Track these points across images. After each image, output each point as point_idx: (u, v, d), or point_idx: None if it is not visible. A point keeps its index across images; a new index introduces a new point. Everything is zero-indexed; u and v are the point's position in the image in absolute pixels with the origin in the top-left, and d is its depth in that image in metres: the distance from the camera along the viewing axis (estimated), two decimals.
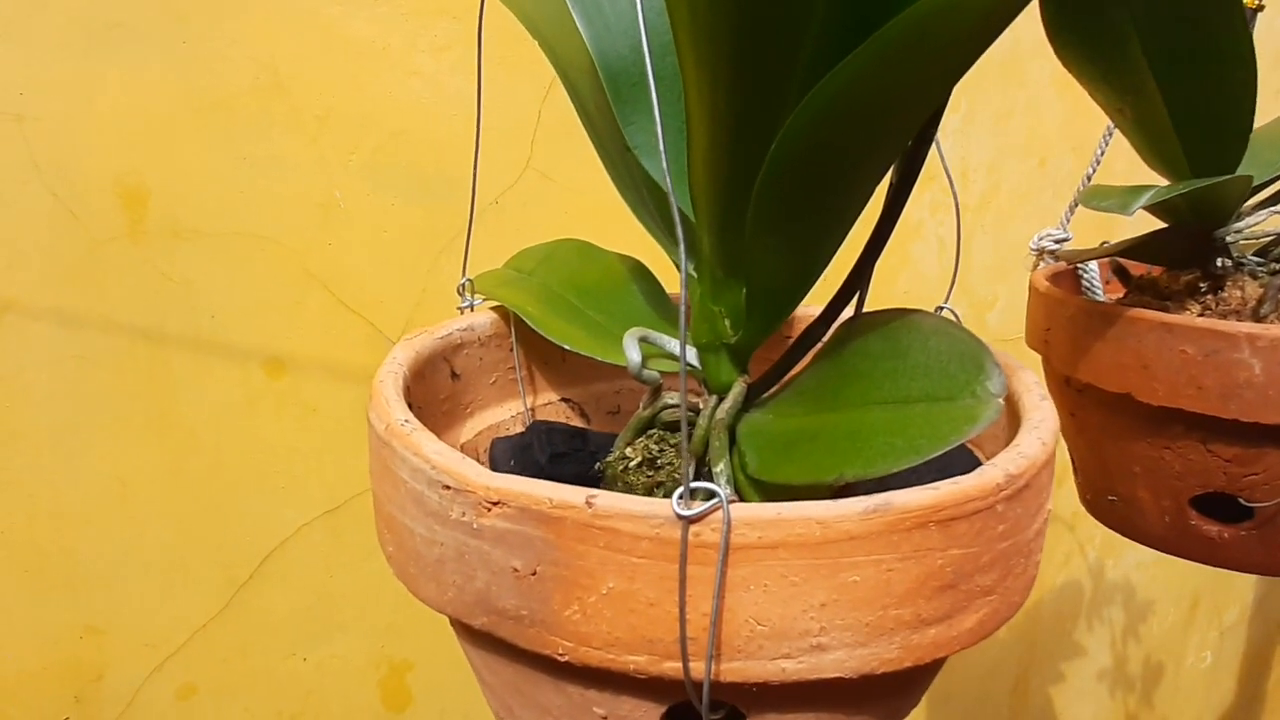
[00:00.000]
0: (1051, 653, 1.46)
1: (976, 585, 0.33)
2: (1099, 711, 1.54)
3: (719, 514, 0.30)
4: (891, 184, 0.39)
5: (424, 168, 0.84)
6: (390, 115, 0.82)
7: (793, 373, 0.43)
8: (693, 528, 0.30)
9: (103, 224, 0.75)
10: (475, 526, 0.33)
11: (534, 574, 0.32)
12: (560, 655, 0.32)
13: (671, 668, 0.31)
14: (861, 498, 0.31)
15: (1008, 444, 0.37)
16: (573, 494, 0.31)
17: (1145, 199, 0.48)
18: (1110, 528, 0.62)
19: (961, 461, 0.39)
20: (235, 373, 0.81)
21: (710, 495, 0.30)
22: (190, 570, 0.84)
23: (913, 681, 0.37)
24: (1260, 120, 0.66)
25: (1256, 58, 0.53)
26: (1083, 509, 0.67)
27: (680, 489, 0.30)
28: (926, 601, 0.32)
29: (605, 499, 0.31)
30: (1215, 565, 0.56)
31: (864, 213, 0.39)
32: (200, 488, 0.82)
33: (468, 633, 0.37)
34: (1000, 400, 0.32)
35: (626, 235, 0.53)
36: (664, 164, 0.30)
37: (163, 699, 0.85)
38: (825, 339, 0.42)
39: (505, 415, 0.51)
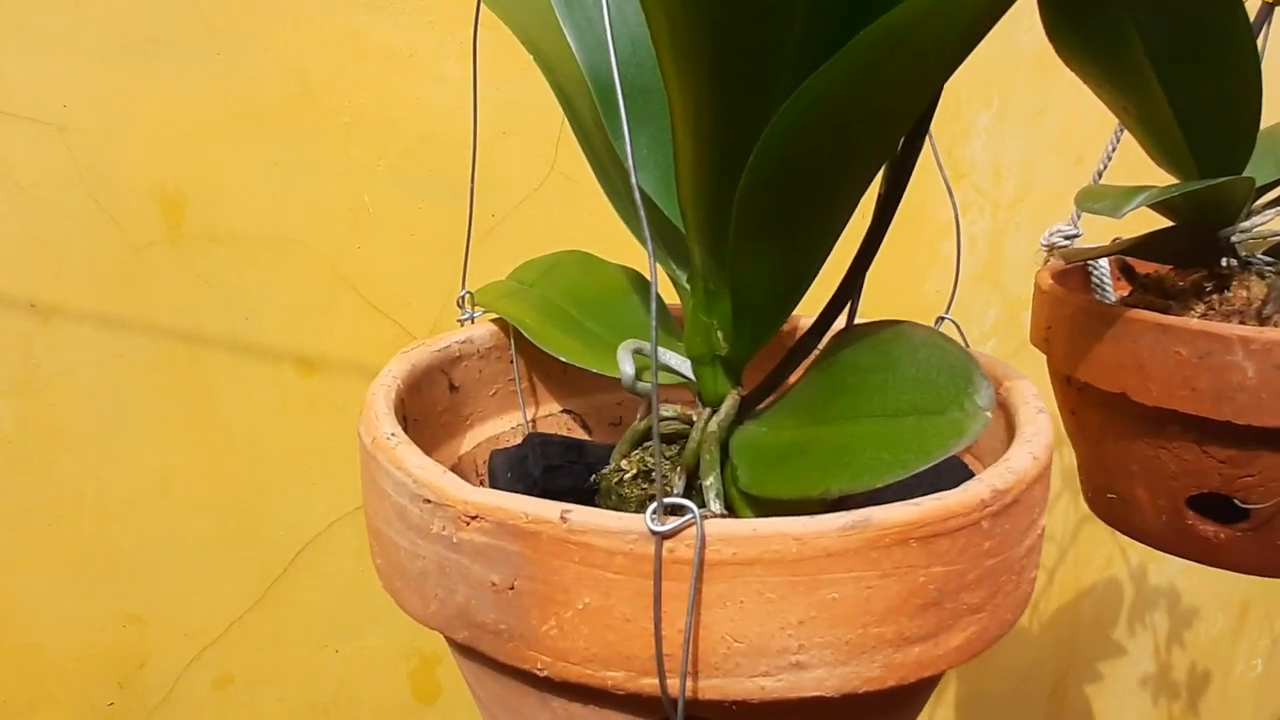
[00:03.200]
0: (1091, 657, 1.40)
1: (963, 603, 0.31)
2: (1141, 718, 1.47)
3: (693, 530, 0.28)
4: (880, 193, 0.37)
5: (450, 172, 0.82)
6: (417, 121, 0.81)
7: (789, 383, 0.41)
8: (667, 543, 0.28)
9: (143, 230, 0.75)
10: (455, 540, 0.31)
11: (511, 588, 0.30)
12: (540, 670, 0.31)
13: (649, 684, 0.29)
14: (840, 513, 0.29)
15: None
16: (548, 509, 0.29)
17: (1138, 201, 0.45)
18: (1110, 525, 0.59)
19: (955, 474, 0.37)
20: (269, 372, 0.81)
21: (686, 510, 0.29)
22: (227, 563, 0.83)
23: (902, 701, 0.35)
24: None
25: (1260, 56, 0.51)
26: None
27: (654, 505, 0.29)
28: (909, 619, 0.30)
29: (580, 514, 0.29)
30: (1212, 565, 0.54)
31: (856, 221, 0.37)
32: (237, 483, 0.82)
33: (455, 646, 0.36)
34: (988, 414, 0.30)
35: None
36: (631, 172, 0.28)
37: (201, 687, 0.85)
38: (819, 350, 0.40)
39: (506, 427, 0.49)
